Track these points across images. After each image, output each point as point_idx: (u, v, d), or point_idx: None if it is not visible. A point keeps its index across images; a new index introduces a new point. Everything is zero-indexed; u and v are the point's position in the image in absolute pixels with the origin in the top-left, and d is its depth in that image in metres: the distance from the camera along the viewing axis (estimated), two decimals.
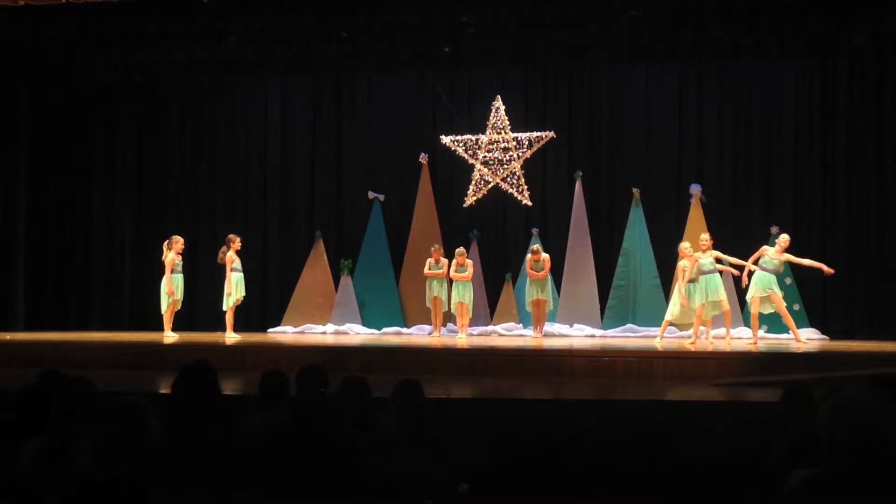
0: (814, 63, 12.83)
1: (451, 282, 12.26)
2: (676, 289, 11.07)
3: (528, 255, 12.19)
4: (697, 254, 10.88)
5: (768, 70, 13.01)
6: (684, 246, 11.14)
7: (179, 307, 11.95)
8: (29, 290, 13.84)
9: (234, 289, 11.64)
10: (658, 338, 11.25)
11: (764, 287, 10.64)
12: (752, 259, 10.82)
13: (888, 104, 12.49)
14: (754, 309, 10.80)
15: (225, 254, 11.65)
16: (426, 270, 12.32)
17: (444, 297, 12.30)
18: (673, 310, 11.07)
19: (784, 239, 10.81)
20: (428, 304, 12.39)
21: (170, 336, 11.52)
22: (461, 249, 12.24)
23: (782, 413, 3.90)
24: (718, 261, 10.94)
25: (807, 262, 10.95)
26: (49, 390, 3.72)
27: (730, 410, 7.05)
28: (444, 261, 12.28)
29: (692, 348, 10.20)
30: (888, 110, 12.48)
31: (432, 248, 12.39)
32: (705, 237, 11.02)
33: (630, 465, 4.19)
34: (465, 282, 12.14)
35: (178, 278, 11.78)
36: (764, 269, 10.67)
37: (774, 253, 10.70)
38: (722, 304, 10.85)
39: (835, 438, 2.59)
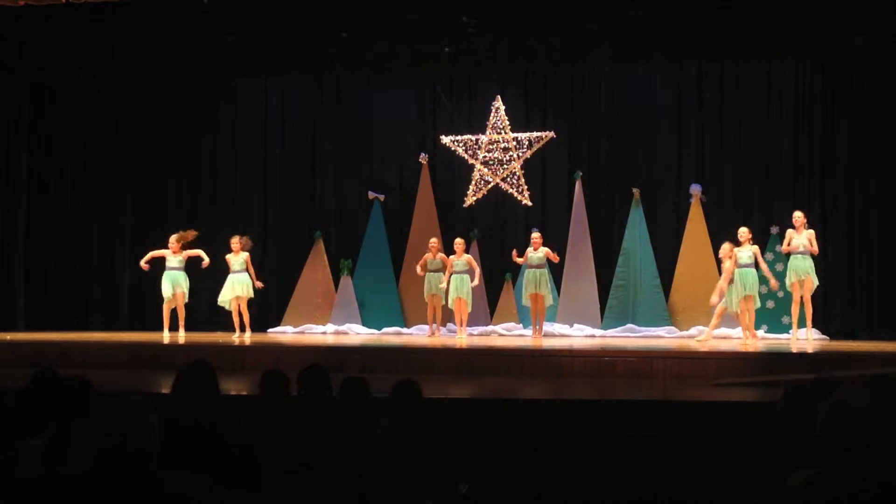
0: (814, 63, 12.83)
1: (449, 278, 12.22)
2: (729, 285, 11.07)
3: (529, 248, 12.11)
4: (736, 249, 10.95)
5: (768, 70, 13.01)
6: (725, 247, 11.07)
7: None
8: (29, 290, 13.84)
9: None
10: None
11: (802, 272, 10.85)
12: (785, 248, 11.05)
13: (888, 104, 12.48)
14: (797, 295, 10.94)
15: (238, 253, 11.78)
16: (419, 271, 12.25)
17: (442, 294, 12.23)
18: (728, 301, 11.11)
19: (797, 217, 10.99)
20: (425, 297, 12.34)
21: (169, 336, 11.53)
22: (460, 240, 12.20)
23: (782, 413, 3.90)
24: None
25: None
26: (47, 390, 3.72)
27: (730, 410, 7.05)
28: (442, 255, 12.23)
29: (746, 349, 10.20)
30: (888, 110, 12.48)
31: (430, 243, 12.34)
32: (744, 230, 11.06)
33: (629, 465, 4.18)
34: (462, 276, 12.07)
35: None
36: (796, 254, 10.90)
37: (796, 234, 10.93)
38: (749, 300, 10.90)
39: (835, 438, 2.59)
